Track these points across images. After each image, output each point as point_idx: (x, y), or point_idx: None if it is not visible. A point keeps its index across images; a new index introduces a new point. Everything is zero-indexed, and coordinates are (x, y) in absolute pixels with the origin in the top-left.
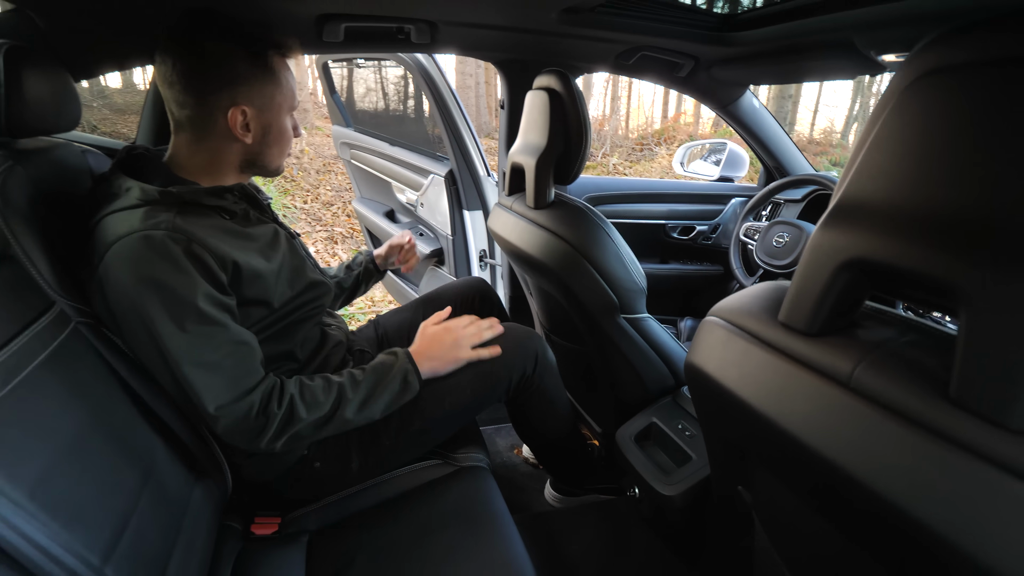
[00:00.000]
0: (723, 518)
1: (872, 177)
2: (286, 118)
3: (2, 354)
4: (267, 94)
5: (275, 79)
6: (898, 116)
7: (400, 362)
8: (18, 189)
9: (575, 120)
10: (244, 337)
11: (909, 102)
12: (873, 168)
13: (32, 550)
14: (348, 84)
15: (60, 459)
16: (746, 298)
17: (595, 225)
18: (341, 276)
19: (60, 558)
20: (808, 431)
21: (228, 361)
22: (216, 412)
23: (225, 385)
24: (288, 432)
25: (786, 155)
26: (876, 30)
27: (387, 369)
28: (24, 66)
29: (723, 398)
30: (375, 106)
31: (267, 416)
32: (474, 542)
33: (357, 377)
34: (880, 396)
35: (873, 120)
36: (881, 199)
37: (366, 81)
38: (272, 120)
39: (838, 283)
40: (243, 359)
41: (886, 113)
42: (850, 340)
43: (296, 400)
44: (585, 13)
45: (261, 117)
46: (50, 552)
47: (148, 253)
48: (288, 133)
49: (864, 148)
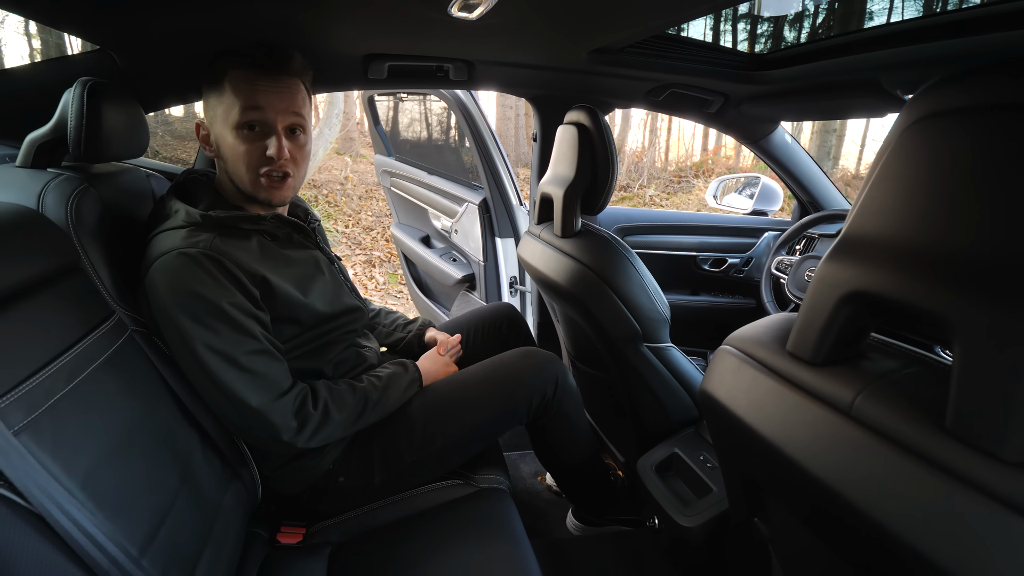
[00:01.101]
0: (741, 551)
1: (874, 213)
2: (226, 132)
3: (68, 355)
4: (211, 105)
5: (218, 90)
6: (899, 156)
7: (411, 374)
8: (90, 209)
9: (602, 154)
10: (272, 349)
11: (909, 143)
12: (875, 205)
13: (80, 535)
14: (391, 116)
15: (110, 455)
16: (759, 328)
17: (619, 255)
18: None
19: (104, 545)
20: (810, 458)
21: (259, 367)
22: (259, 407)
23: (261, 386)
24: (323, 431)
25: (820, 190)
26: (902, 70)
27: (401, 378)
28: (103, 100)
29: (734, 426)
30: (415, 137)
31: (305, 416)
32: (491, 562)
33: (376, 383)
34: (879, 425)
35: (877, 159)
36: (881, 234)
37: (407, 113)
38: (219, 134)
39: (841, 314)
40: (272, 365)
41: (888, 153)
42: (853, 370)
43: (329, 403)
44: (614, 53)
45: (213, 131)
46: (96, 539)
47: (184, 267)
48: (237, 149)
49: (868, 186)
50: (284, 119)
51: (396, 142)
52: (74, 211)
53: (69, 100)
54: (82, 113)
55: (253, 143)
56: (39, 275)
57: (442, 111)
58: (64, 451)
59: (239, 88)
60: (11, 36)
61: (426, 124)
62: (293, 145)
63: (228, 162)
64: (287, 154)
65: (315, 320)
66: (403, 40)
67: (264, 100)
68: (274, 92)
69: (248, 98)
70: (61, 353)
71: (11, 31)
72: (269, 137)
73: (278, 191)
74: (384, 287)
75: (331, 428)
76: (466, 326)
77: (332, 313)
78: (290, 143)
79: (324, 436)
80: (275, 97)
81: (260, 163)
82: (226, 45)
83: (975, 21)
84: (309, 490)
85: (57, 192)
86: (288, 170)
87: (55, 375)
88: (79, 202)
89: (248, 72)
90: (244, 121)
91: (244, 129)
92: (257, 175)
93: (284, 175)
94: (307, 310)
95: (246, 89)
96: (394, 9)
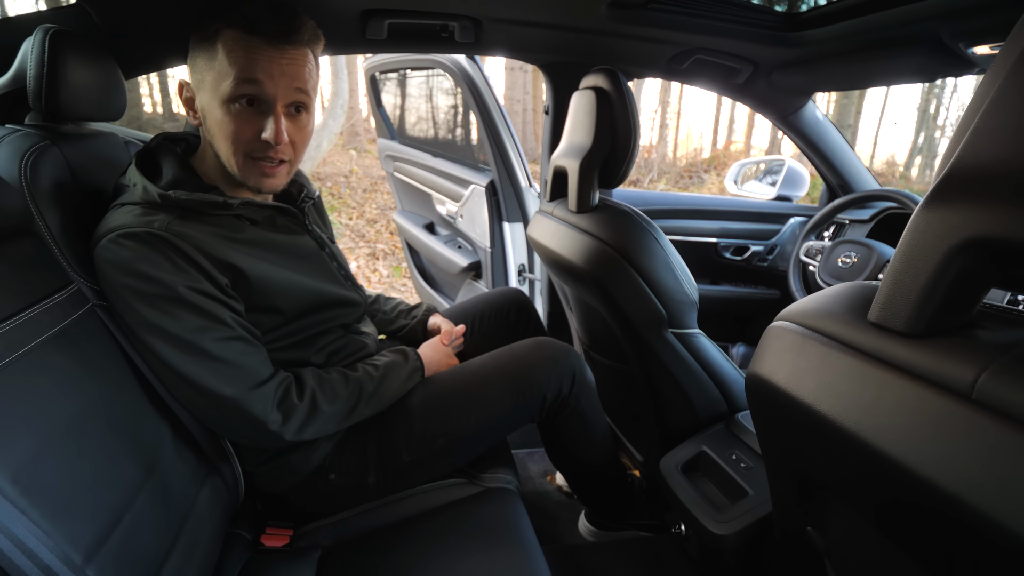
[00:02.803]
0: (787, 563)
1: (995, 139)
2: (223, 104)
3: (6, 325)
4: (199, 68)
5: (209, 52)
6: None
7: (411, 363)
8: (49, 169)
9: (623, 119)
10: (246, 335)
11: None
12: (994, 130)
13: (3, 539)
14: (395, 96)
15: (53, 443)
16: (822, 299)
17: (642, 229)
18: (392, 315)
19: (35, 551)
20: (914, 453)
21: (230, 355)
22: (233, 396)
23: (234, 375)
24: (312, 424)
25: (852, 172)
26: (968, 18)
27: (400, 367)
28: (69, 51)
29: (796, 415)
30: (419, 118)
31: (289, 407)
32: (498, 570)
33: (373, 373)
34: (1014, 410)
35: (991, 79)
36: (1006, 164)
37: (412, 93)
38: (206, 104)
39: (951, 270)
40: (247, 353)
41: (1005, 74)
42: (968, 342)
43: (317, 393)
44: (635, 9)
45: (199, 98)
46: (24, 544)
47: (130, 249)
48: (227, 125)
49: (981, 110)
50: (286, 96)
51: (399, 124)
52: (28, 168)
53: (29, 48)
54: (43, 62)
55: (247, 121)
56: None
57: (444, 91)
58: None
59: (235, 54)
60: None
61: (428, 104)
62: (294, 126)
63: (214, 137)
64: (286, 137)
65: (299, 310)
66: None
67: (264, 72)
68: (276, 63)
69: (245, 68)
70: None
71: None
72: (266, 116)
73: (270, 179)
74: (388, 280)
75: (321, 421)
76: (472, 312)
77: (319, 303)
78: (290, 124)
79: (315, 429)
80: (276, 69)
81: (253, 146)
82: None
83: None
84: (297, 488)
85: (11, 147)
86: (285, 156)
87: None
88: (36, 159)
89: (247, 36)
90: (238, 94)
91: (237, 103)
92: (248, 158)
93: (280, 161)
94: (288, 299)
95: (243, 57)
96: None
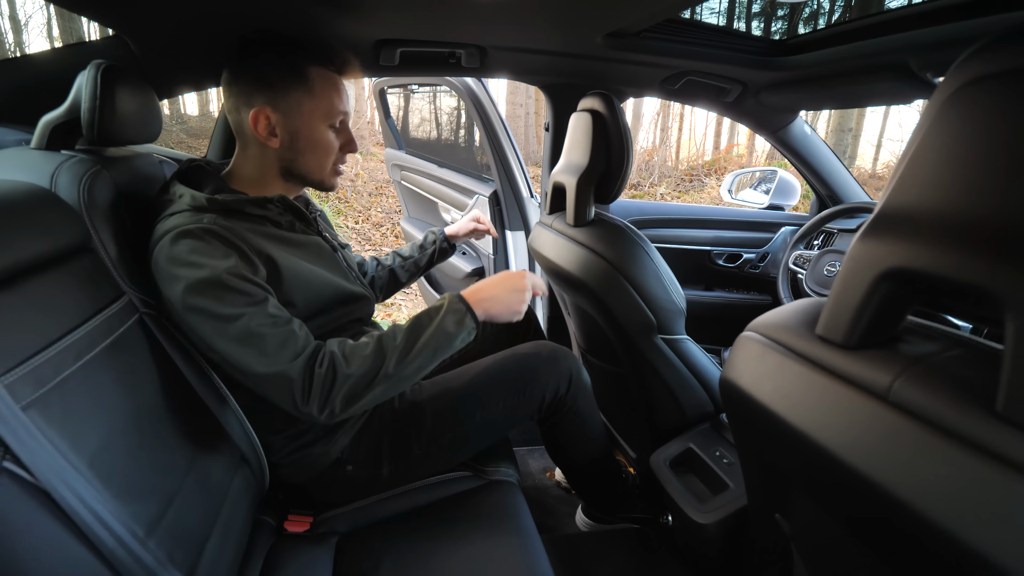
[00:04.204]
0: (759, 549)
1: (915, 186)
2: (321, 128)
3: (77, 332)
4: (294, 100)
5: (306, 87)
6: (942, 125)
7: (449, 304)
8: (102, 191)
9: (617, 141)
10: (284, 315)
11: (953, 110)
12: (916, 177)
13: (86, 512)
14: (402, 109)
15: (117, 434)
16: (784, 313)
17: (634, 244)
18: (416, 256)
19: (110, 524)
20: (843, 446)
21: (267, 330)
22: (267, 371)
23: (269, 349)
24: (337, 393)
25: (840, 183)
26: (933, 52)
27: (433, 313)
28: (117, 82)
29: (757, 414)
30: (426, 130)
31: (312, 377)
32: (500, 555)
33: (399, 327)
34: (920, 410)
35: (917, 133)
36: (923, 207)
37: (419, 106)
38: (301, 127)
39: (877, 294)
40: (283, 327)
41: (929, 124)
42: (890, 353)
43: (337, 356)
44: (630, 38)
45: (287, 123)
46: (102, 517)
47: (183, 241)
48: (325, 144)
49: (907, 159)
50: (347, 117)
51: (406, 136)
52: (86, 191)
53: (83, 82)
54: (95, 95)
55: (336, 140)
56: (50, 252)
57: (449, 105)
58: (72, 428)
59: (332, 90)
60: (35, 39)
61: (434, 117)
62: None
63: (305, 154)
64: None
65: (321, 304)
66: (415, 25)
67: (346, 102)
68: (346, 93)
69: (340, 101)
70: (71, 330)
71: (35, 35)
72: (345, 133)
73: (339, 176)
74: None
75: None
76: None
77: (337, 299)
78: None
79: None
80: (346, 98)
81: (339, 157)
82: (240, 33)
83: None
84: (317, 479)
85: (70, 173)
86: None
87: (64, 352)
88: (91, 183)
89: (333, 75)
90: (336, 122)
91: (332, 128)
92: (334, 164)
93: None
94: (313, 292)
95: (336, 92)
96: None
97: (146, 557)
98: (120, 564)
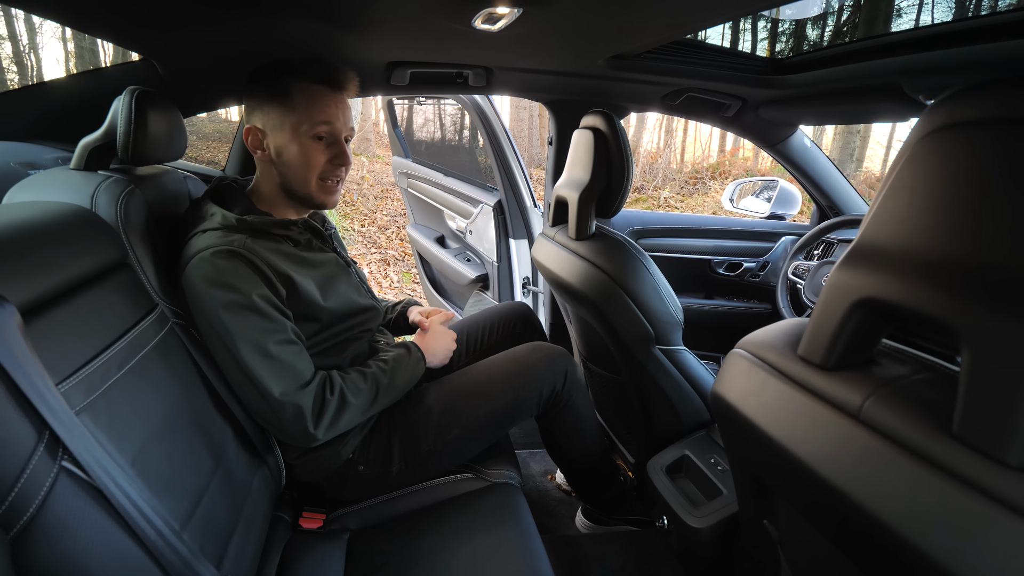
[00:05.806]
0: (750, 553)
1: (887, 222)
2: (301, 140)
3: (120, 343)
4: (276, 115)
5: (288, 102)
6: (914, 166)
7: (414, 354)
8: (136, 209)
9: (617, 158)
10: (297, 340)
11: (925, 153)
12: (888, 214)
13: (132, 508)
14: (409, 119)
15: (155, 436)
16: (771, 333)
17: (633, 258)
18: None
19: (151, 518)
20: (819, 460)
21: (285, 355)
22: (281, 397)
23: (286, 375)
24: (342, 417)
25: (840, 194)
26: (924, 76)
27: (405, 359)
28: (149, 107)
29: (745, 428)
30: (432, 139)
31: (324, 403)
32: (502, 553)
33: (384, 367)
34: (886, 429)
35: (892, 169)
36: (893, 243)
37: (426, 117)
38: (284, 142)
39: (852, 321)
40: (298, 355)
41: (903, 162)
42: (863, 375)
43: (344, 389)
44: (631, 59)
45: (273, 138)
46: (144, 512)
47: (217, 263)
48: (306, 155)
49: (881, 195)
50: (345, 131)
51: (413, 144)
52: (123, 210)
53: (119, 107)
54: (130, 119)
55: (321, 152)
56: (95, 269)
57: (455, 115)
58: (117, 430)
59: (312, 102)
60: (48, 40)
61: (441, 127)
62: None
63: (291, 168)
64: (352, 158)
65: (333, 319)
66: (425, 49)
67: (332, 114)
68: (337, 107)
69: (321, 112)
70: (114, 341)
71: (48, 36)
72: (334, 147)
73: (333, 195)
74: (398, 285)
75: (349, 413)
76: (481, 324)
77: (349, 312)
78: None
79: (344, 422)
80: (338, 111)
81: (327, 170)
82: (260, 56)
83: (1000, 27)
84: (329, 478)
85: (108, 193)
86: (344, 175)
87: (110, 361)
88: (127, 202)
89: (315, 87)
90: (316, 133)
91: (315, 140)
92: (319, 180)
93: (338, 180)
94: (326, 309)
95: (317, 103)
96: (420, 23)
97: (182, 549)
98: (161, 555)
